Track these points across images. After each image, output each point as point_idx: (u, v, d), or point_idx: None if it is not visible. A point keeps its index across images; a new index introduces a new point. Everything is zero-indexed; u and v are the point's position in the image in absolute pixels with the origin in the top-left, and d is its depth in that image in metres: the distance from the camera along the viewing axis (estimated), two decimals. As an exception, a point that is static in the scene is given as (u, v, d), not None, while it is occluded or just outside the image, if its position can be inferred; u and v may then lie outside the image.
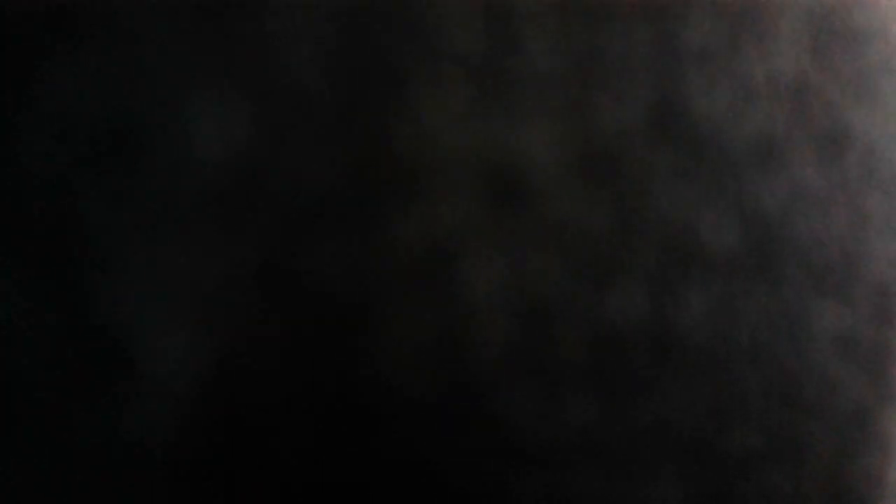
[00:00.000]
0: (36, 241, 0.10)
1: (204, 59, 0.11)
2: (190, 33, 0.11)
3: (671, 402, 0.13)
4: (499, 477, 0.12)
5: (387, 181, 0.11)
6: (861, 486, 0.17)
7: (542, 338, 0.12)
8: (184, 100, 0.10)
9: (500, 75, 0.11)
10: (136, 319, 0.11)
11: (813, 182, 0.14)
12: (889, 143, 0.16)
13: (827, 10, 0.14)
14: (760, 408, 0.15)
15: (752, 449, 0.15)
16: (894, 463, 0.18)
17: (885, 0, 0.15)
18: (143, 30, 0.10)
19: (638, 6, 0.12)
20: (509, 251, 0.12)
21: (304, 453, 0.11)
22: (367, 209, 0.11)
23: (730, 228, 0.13)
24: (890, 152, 0.16)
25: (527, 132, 0.11)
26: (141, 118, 0.11)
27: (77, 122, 0.10)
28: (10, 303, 0.10)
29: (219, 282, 0.10)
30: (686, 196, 0.13)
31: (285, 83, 0.11)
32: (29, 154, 0.10)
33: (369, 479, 0.11)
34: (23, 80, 0.10)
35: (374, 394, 0.11)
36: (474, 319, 0.11)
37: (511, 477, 0.12)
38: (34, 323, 0.10)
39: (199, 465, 0.11)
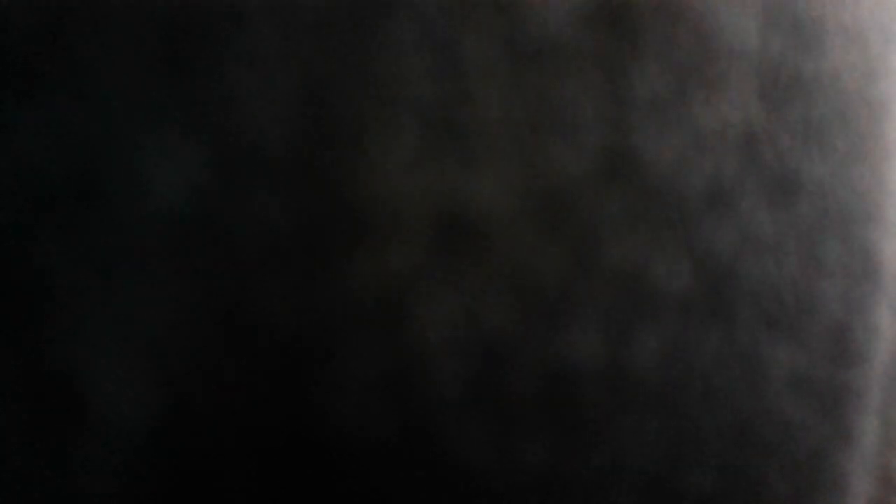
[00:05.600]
0: None
1: (164, 107, 0.11)
2: (151, 82, 0.11)
3: (626, 442, 0.14)
4: None
5: (340, 226, 0.11)
6: (819, 526, 0.17)
7: (496, 379, 0.12)
8: (143, 147, 0.11)
9: (452, 122, 0.12)
10: (91, 367, 0.11)
11: (764, 227, 0.15)
12: (841, 191, 0.17)
13: (776, 59, 0.14)
14: (716, 449, 0.15)
15: (708, 490, 0.15)
16: (849, 499, 0.18)
17: (836, 51, 0.16)
18: (104, 78, 0.11)
19: (589, 54, 0.12)
20: (461, 295, 0.12)
21: (258, 500, 0.11)
22: (321, 254, 0.11)
23: (681, 272, 0.14)
24: (842, 199, 0.17)
25: (479, 178, 0.12)
26: (100, 165, 0.11)
27: (36, 168, 0.10)
28: None
29: (174, 327, 0.11)
30: (637, 241, 0.13)
31: (242, 131, 0.11)
32: None
33: None
34: None
35: (329, 437, 0.11)
36: (427, 362, 0.12)
37: None
38: None
39: (156, 500, 0.11)
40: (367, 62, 0.12)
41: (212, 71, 0.11)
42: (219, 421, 0.11)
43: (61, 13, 0.11)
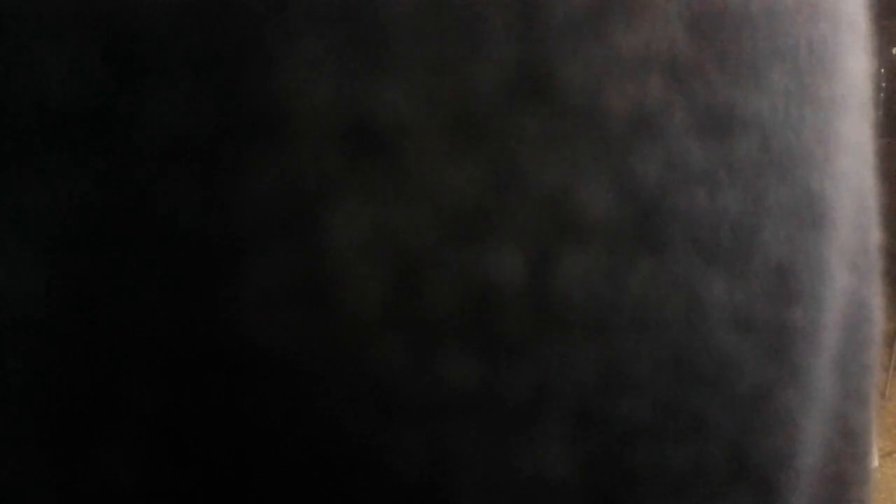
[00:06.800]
0: None
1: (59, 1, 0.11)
2: None
3: (552, 365, 0.14)
4: (371, 433, 0.13)
5: (246, 130, 0.11)
6: (765, 466, 0.17)
7: (412, 293, 0.12)
8: (37, 37, 0.11)
9: (363, 29, 0.12)
10: None
11: (694, 157, 0.15)
12: (784, 132, 0.17)
13: None
14: (649, 380, 0.15)
15: (643, 420, 0.15)
16: (799, 443, 0.18)
17: None
18: None
19: None
20: (374, 205, 0.12)
21: (161, 400, 0.11)
22: (225, 156, 0.11)
23: (605, 196, 0.14)
24: (785, 141, 0.17)
25: (389, 87, 0.12)
26: None
27: None
28: None
29: (73, 219, 0.11)
30: (557, 161, 0.13)
31: (140, 29, 0.11)
32: None
33: (230, 429, 0.12)
34: None
35: (236, 342, 0.12)
36: (339, 271, 0.12)
37: (385, 433, 0.13)
38: None
39: (52, 406, 0.11)
40: None
41: None
42: (120, 321, 0.11)
43: None
